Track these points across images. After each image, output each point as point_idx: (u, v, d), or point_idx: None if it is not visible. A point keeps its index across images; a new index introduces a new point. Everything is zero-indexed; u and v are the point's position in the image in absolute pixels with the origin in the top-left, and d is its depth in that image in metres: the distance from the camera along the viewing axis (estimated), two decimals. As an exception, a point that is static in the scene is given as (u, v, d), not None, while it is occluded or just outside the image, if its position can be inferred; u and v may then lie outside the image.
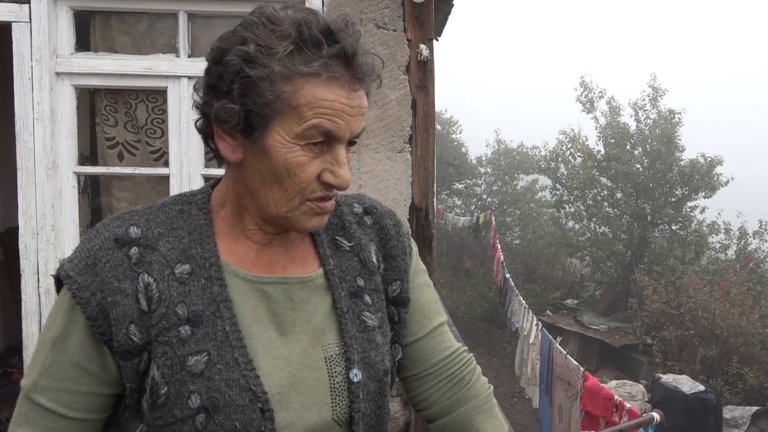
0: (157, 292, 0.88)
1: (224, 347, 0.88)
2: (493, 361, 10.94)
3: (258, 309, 0.94)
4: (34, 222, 2.62)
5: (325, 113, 0.85)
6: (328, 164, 0.89)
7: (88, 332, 0.87)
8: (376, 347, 1.02)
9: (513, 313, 7.72)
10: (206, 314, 0.89)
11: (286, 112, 0.84)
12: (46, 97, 2.61)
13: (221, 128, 0.88)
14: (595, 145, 13.72)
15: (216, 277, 0.91)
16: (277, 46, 0.83)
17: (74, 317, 0.87)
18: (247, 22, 0.88)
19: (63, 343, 0.88)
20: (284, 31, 0.83)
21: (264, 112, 0.84)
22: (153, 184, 2.82)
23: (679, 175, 12.63)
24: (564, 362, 4.48)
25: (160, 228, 0.92)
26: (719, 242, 12.67)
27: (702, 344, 9.37)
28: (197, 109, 0.93)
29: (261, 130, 0.86)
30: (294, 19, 0.84)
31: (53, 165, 2.64)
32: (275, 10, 0.87)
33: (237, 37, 0.87)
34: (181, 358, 0.87)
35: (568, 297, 13.26)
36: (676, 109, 13.03)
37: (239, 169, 0.92)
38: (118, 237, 0.89)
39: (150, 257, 0.89)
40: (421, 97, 2.79)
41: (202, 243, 0.93)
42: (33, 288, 2.64)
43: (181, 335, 0.87)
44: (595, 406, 3.41)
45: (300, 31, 0.83)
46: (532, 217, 15.94)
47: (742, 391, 8.78)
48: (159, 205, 0.95)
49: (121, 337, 0.86)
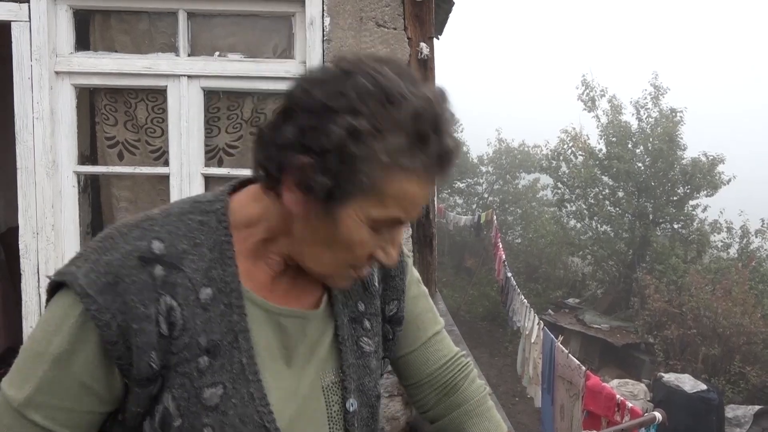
0: (181, 319, 0.83)
1: (240, 380, 0.86)
2: (494, 360, 10.93)
3: (271, 340, 0.91)
4: (34, 222, 2.62)
5: (407, 206, 0.83)
6: (384, 242, 0.88)
7: (100, 353, 0.81)
8: (370, 373, 1.02)
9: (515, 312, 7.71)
10: (224, 344, 0.85)
11: (371, 195, 0.80)
12: (45, 96, 2.60)
13: (299, 186, 0.81)
14: (597, 144, 13.71)
15: (236, 304, 0.87)
16: (390, 135, 0.77)
17: (85, 336, 0.80)
18: (361, 89, 0.78)
19: (68, 360, 0.80)
20: (401, 121, 0.78)
21: (348, 189, 0.80)
22: (153, 184, 2.82)
23: (680, 174, 12.61)
24: (566, 361, 4.47)
25: (184, 243, 0.85)
26: (721, 241, 12.66)
27: (704, 343, 9.36)
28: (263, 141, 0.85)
29: (338, 203, 0.81)
30: (412, 107, 0.78)
31: (53, 164, 2.63)
32: (392, 83, 0.79)
33: (348, 103, 0.77)
34: (198, 390, 0.83)
35: (569, 296, 13.25)
36: (678, 108, 13.01)
37: (290, 214, 0.85)
38: (143, 254, 0.82)
39: (174, 278, 0.83)
40: (422, 95, 2.78)
41: (224, 264, 0.87)
42: (33, 288, 2.64)
43: (200, 366, 0.84)
44: (597, 405, 3.40)
45: (415, 124, 0.78)
46: (534, 215, 15.93)
47: (745, 390, 8.77)
48: (177, 213, 0.88)
49: (143, 365, 0.81)
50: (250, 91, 2.77)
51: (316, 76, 0.82)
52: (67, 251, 2.69)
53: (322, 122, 0.77)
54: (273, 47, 2.76)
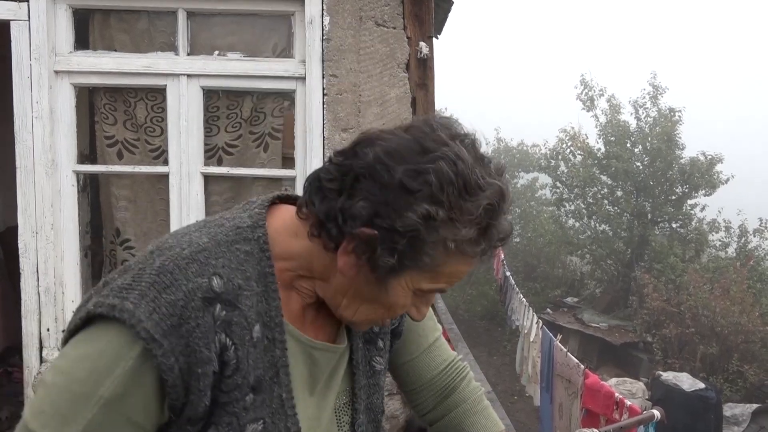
0: (234, 359, 0.81)
1: (278, 415, 0.86)
2: (493, 359, 10.94)
3: (303, 372, 0.92)
4: (34, 221, 2.62)
5: (454, 281, 0.86)
6: (419, 303, 0.90)
7: (156, 394, 0.77)
8: (379, 390, 1.04)
9: (513, 311, 7.71)
10: (266, 379, 0.85)
11: (426, 271, 0.82)
12: (45, 95, 2.60)
13: (356, 252, 0.81)
14: (596, 143, 13.71)
15: (279, 339, 0.86)
16: (463, 227, 0.79)
17: (143, 379, 0.76)
18: (443, 177, 0.77)
19: (120, 402, 0.75)
20: (475, 213, 0.79)
21: (407, 266, 0.81)
22: (152, 183, 2.82)
23: (679, 173, 12.62)
24: (564, 360, 4.48)
25: (239, 278, 0.83)
26: (719, 240, 12.67)
27: (702, 342, 9.37)
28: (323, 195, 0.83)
29: (393, 276, 0.82)
30: (486, 200, 0.79)
31: (52, 164, 2.63)
32: (471, 171, 0.79)
33: (429, 191, 0.77)
34: (242, 426, 0.83)
35: (568, 295, 13.25)
36: (677, 107, 13.01)
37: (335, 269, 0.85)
38: (205, 293, 0.79)
39: (231, 316, 0.81)
40: (421, 95, 2.78)
41: (268, 297, 0.86)
42: (33, 287, 2.64)
43: (246, 404, 0.83)
44: (596, 403, 3.41)
45: (486, 217, 0.80)
46: (533, 215, 15.92)
47: (743, 389, 8.78)
48: (226, 243, 0.84)
49: (200, 406, 0.79)
50: (250, 90, 2.77)
51: (393, 147, 0.80)
52: (67, 250, 2.69)
53: (399, 204, 0.77)
54: (272, 46, 2.77)
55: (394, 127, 0.86)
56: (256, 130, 2.84)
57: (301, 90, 2.70)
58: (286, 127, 2.85)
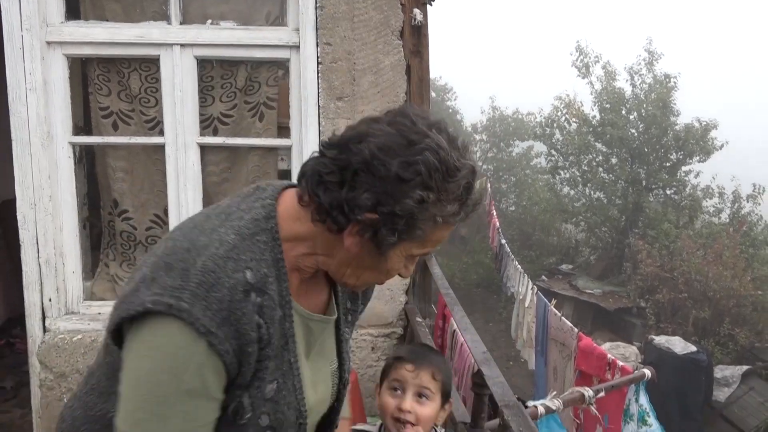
0: (267, 335, 0.98)
1: (288, 376, 1.04)
2: (489, 326, 11.09)
3: (301, 339, 1.09)
4: (32, 193, 2.62)
5: (437, 244, 1.03)
6: (408, 263, 1.07)
7: (222, 373, 0.94)
8: (350, 356, 1.27)
9: (509, 278, 7.79)
10: (279, 347, 1.02)
11: (418, 239, 0.98)
12: (38, 66, 2.58)
13: (361, 233, 0.96)
14: (591, 111, 13.69)
15: (288, 314, 1.03)
16: (449, 205, 0.96)
17: (210, 364, 0.91)
18: (430, 165, 0.92)
19: (200, 389, 0.91)
20: (456, 192, 0.95)
21: (404, 239, 0.97)
22: (149, 153, 2.82)
23: (674, 140, 12.64)
24: (558, 324, 4.56)
25: (264, 267, 0.98)
26: (713, 206, 12.76)
27: (695, 306, 9.52)
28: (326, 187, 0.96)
29: (392, 248, 0.98)
30: (464, 179, 0.96)
31: (48, 136, 2.63)
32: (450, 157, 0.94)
33: (420, 179, 0.92)
34: (264, 387, 1.00)
35: (563, 262, 13.37)
36: (672, 74, 12.97)
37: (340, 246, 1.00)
38: (244, 287, 0.94)
39: (263, 300, 0.97)
40: (416, 62, 2.78)
41: (279, 279, 1.01)
42: (33, 258, 2.66)
43: (269, 369, 1.00)
44: (589, 365, 3.49)
45: (464, 193, 0.97)
46: (528, 183, 15.96)
47: (733, 352, 8.95)
48: (249, 236, 0.99)
49: (249, 375, 0.98)
50: (244, 59, 2.76)
51: (383, 143, 0.94)
52: (65, 222, 2.70)
53: (397, 192, 0.92)
54: (266, 15, 2.75)
55: (376, 117, 1.00)
56: (250, 99, 2.84)
57: (295, 59, 2.69)
58: (281, 97, 2.85)
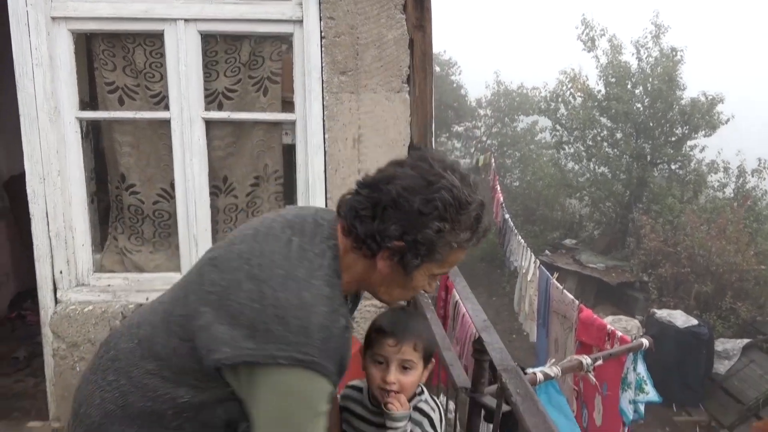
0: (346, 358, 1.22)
1: None
2: (492, 300, 11.17)
3: None
4: (41, 167, 2.66)
5: (455, 264, 1.30)
6: (431, 281, 1.31)
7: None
8: None
9: (512, 252, 7.84)
10: None
11: (437, 262, 1.24)
12: (43, 42, 2.60)
13: (391, 258, 1.22)
14: (596, 85, 13.56)
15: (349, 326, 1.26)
16: (462, 233, 1.21)
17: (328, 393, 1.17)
18: (445, 202, 1.17)
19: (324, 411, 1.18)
20: (468, 222, 1.21)
21: (426, 261, 1.22)
22: (154, 128, 2.85)
23: (679, 114, 12.53)
24: (560, 297, 4.61)
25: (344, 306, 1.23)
26: (718, 181, 12.70)
27: (697, 281, 9.55)
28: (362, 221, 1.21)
29: (416, 269, 1.23)
30: (474, 211, 1.21)
31: (55, 111, 2.66)
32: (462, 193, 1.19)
33: (437, 213, 1.18)
34: None
35: (566, 237, 13.39)
36: (678, 47, 12.82)
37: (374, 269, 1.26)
38: (344, 332, 1.18)
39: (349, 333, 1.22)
40: (419, 36, 2.78)
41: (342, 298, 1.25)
42: (43, 232, 2.71)
43: None
44: (589, 336, 3.55)
45: (475, 223, 1.22)
46: (532, 158, 15.89)
47: (735, 325, 9.00)
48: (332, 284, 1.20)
49: None
50: (247, 34, 2.77)
51: (407, 184, 1.19)
52: (74, 196, 2.75)
53: (419, 224, 1.18)
54: (269, -11, 2.75)
55: (401, 161, 1.26)
56: (254, 74, 2.86)
57: (298, 33, 2.70)
58: (285, 71, 2.86)
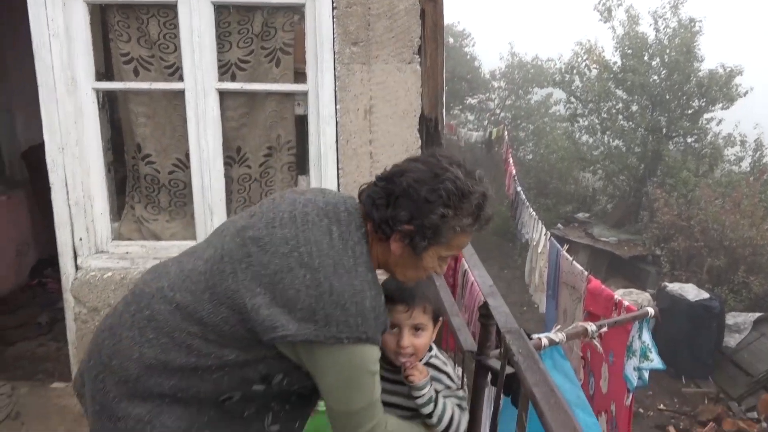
0: None
1: None
2: (503, 273, 11.24)
3: None
4: (59, 137, 2.72)
5: (461, 247, 1.45)
6: (441, 263, 1.46)
7: None
8: None
9: (523, 224, 7.87)
10: None
11: (443, 245, 1.38)
12: (59, 13, 2.64)
13: (402, 240, 1.37)
14: (612, 57, 13.40)
15: None
16: (464, 218, 1.35)
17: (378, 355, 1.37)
18: (449, 191, 1.32)
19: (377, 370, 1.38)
20: (469, 209, 1.35)
21: (433, 244, 1.37)
22: (169, 99, 2.89)
23: (696, 86, 12.37)
24: (570, 268, 4.65)
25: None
26: (734, 154, 12.58)
27: (710, 255, 9.53)
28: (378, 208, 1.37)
29: (425, 251, 1.38)
30: (476, 199, 1.35)
31: (72, 81, 2.71)
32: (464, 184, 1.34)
33: (442, 201, 1.32)
34: None
35: (579, 211, 13.37)
36: (697, 17, 12.58)
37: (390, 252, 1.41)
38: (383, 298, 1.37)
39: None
40: (430, 7, 2.78)
41: None
42: (63, 200, 2.78)
43: None
44: (597, 306, 3.59)
45: (476, 210, 1.35)
46: (546, 131, 15.82)
47: (747, 299, 9.00)
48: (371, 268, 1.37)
49: None
50: (260, 4, 2.79)
51: (417, 176, 1.35)
52: (92, 165, 2.81)
53: (425, 210, 1.33)
54: (281, -41, 2.75)
55: (415, 157, 1.44)
56: (267, 45, 2.88)
57: (310, 4, 2.71)
58: (297, 42, 2.88)
